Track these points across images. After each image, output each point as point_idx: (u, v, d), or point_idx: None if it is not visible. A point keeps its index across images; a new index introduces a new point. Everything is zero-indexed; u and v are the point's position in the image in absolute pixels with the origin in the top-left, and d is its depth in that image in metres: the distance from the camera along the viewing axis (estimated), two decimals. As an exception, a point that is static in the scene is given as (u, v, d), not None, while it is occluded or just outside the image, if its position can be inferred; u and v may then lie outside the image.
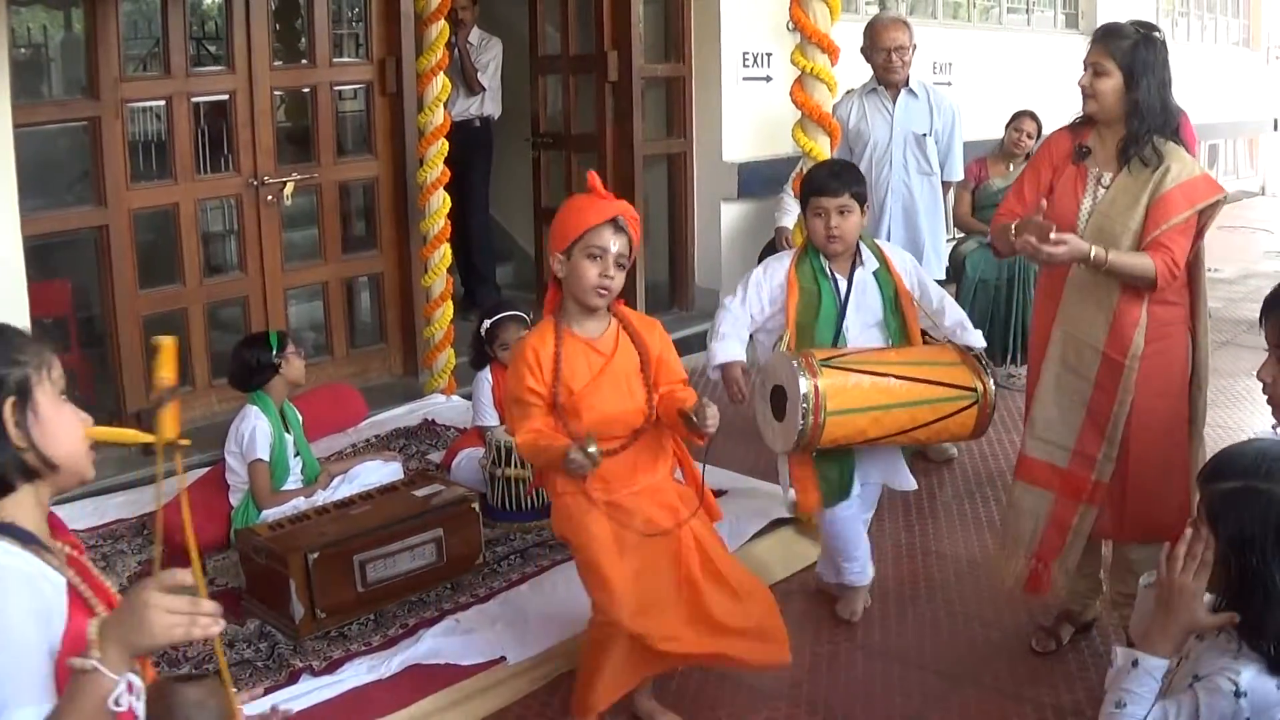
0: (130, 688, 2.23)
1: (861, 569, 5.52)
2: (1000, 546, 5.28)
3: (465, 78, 10.04)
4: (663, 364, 4.39)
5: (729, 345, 5.17)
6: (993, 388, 5.11)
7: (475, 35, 10.16)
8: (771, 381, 5.00)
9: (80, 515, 6.26)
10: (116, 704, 2.21)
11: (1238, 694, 2.88)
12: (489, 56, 10.18)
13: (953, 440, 5.40)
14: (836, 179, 5.18)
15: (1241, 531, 2.92)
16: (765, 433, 5.15)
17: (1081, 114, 4.98)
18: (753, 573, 4.78)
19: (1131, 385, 4.74)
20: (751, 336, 5.32)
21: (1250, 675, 2.90)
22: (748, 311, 5.24)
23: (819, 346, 5.08)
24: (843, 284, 5.21)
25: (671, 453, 4.48)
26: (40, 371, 2.52)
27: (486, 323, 6.67)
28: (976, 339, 5.33)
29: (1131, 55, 4.70)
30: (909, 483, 5.53)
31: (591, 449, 4.00)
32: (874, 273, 5.26)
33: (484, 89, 10.16)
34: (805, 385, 4.76)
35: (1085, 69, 4.80)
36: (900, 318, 5.27)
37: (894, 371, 4.99)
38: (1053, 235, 4.53)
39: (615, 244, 4.16)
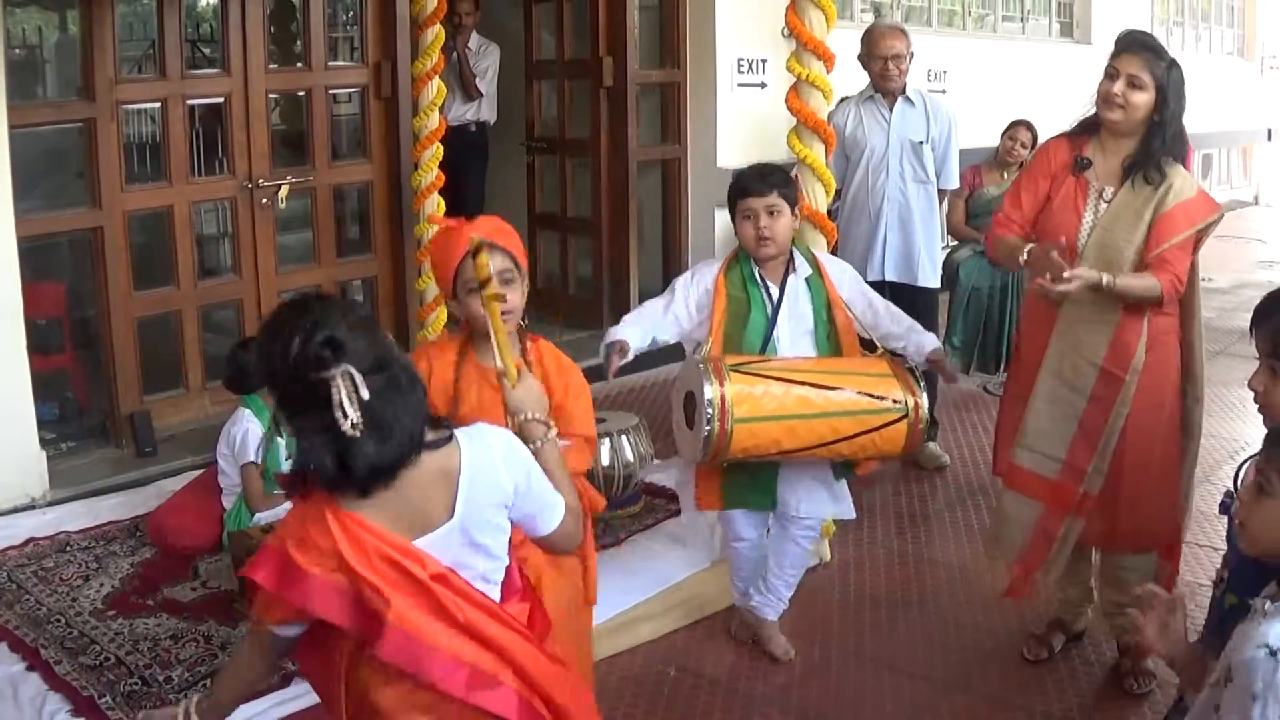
0: None
1: (763, 601, 5.37)
2: (986, 553, 5.29)
3: (463, 83, 10.04)
4: (561, 412, 3.96)
5: (626, 329, 4.98)
6: (925, 403, 4.83)
7: (474, 41, 10.17)
8: (684, 389, 4.85)
9: (73, 517, 6.27)
10: None
11: (1273, 653, 2.87)
12: (487, 63, 10.19)
13: (882, 457, 5.12)
14: (762, 180, 5.04)
15: None
16: (679, 443, 5.02)
17: (1082, 121, 4.98)
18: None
19: (1129, 399, 4.75)
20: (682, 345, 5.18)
21: (1277, 630, 2.90)
22: (669, 312, 5.07)
23: (745, 355, 4.91)
24: (774, 291, 5.04)
25: None
26: None
27: None
28: (929, 340, 5.17)
29: (1168, 76, 4.70)
30: (846, 512, 5.30)
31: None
32: (806, 279, 5.08)
33: (481, 95, 10.15)
34: (710, 391, 4.59)
35: (1116, 77, 4.73)
36: (831, 326, 5.06)
37: (813, 380, 4.78)
38: (1065, 274, 4.51)
39: (494, 263, 3.72)
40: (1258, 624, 2.95)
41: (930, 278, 7.50)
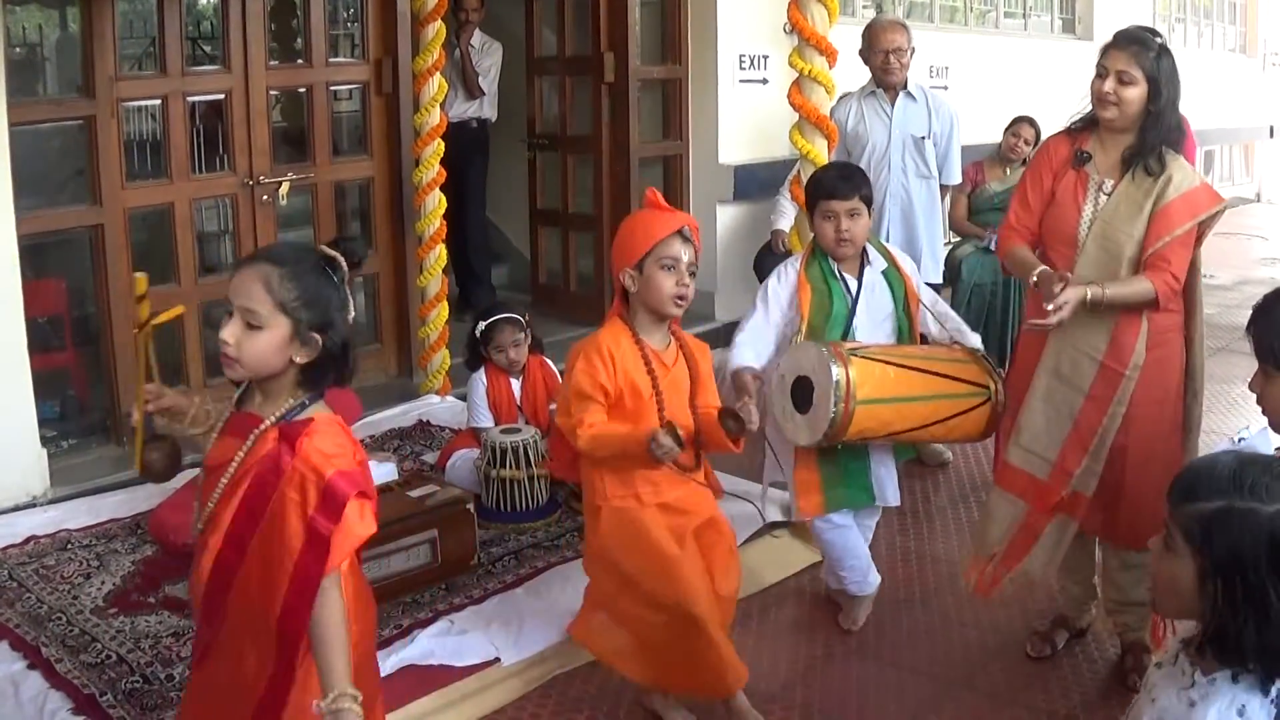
0: None
1: (860, 579, 5.49)
2: (973, 548, 5.29)
3: (465, 81, 10.03)
4: (707, 387, 4.49)
5: (743, 352, 5.16)
6: (1003, 388, 5.10)
7: (477, 39, 10.14)
8: (793, 374, 4.97)
9: (74, 515, 6.26)
10: None
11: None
12: (490, 61, 10.17)
13: (964, 439, 5.34)
14: (847, 182, 5.18)
15: (1233, 553, 2.79)
16: (786, 428, 5.10)
17: (1080, 118, 4.97)
18: (747, 574, 4.93)
19: (1127, 397, 4.74)
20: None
21: (1219, 710, 2.84)
22: (769, 320, 5.24)
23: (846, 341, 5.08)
24: (853, 284, 5.21)
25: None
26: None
27: (481, 325, 6.66)
28: (976, 341, 5.35)
29: (1157, 66, 4.69)
30: (894, 498, 5.50)
31: (678, 433, 4.07)
32: (883, 272, 5.27)
33: (484, 93, 10.14)
34: (837, 373, 4.75)
35: (1106, 75, 4.74)
36: (908, 318, 5.29)
37: (915, 364, 5.01)
38: (1050, 305, 4.55)
39: (685, 254, 4.23)
40: (1188, 707, 2.88)
41: (932, 273, 7.50)
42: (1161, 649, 3.32)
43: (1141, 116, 4.73)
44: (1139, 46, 4.71)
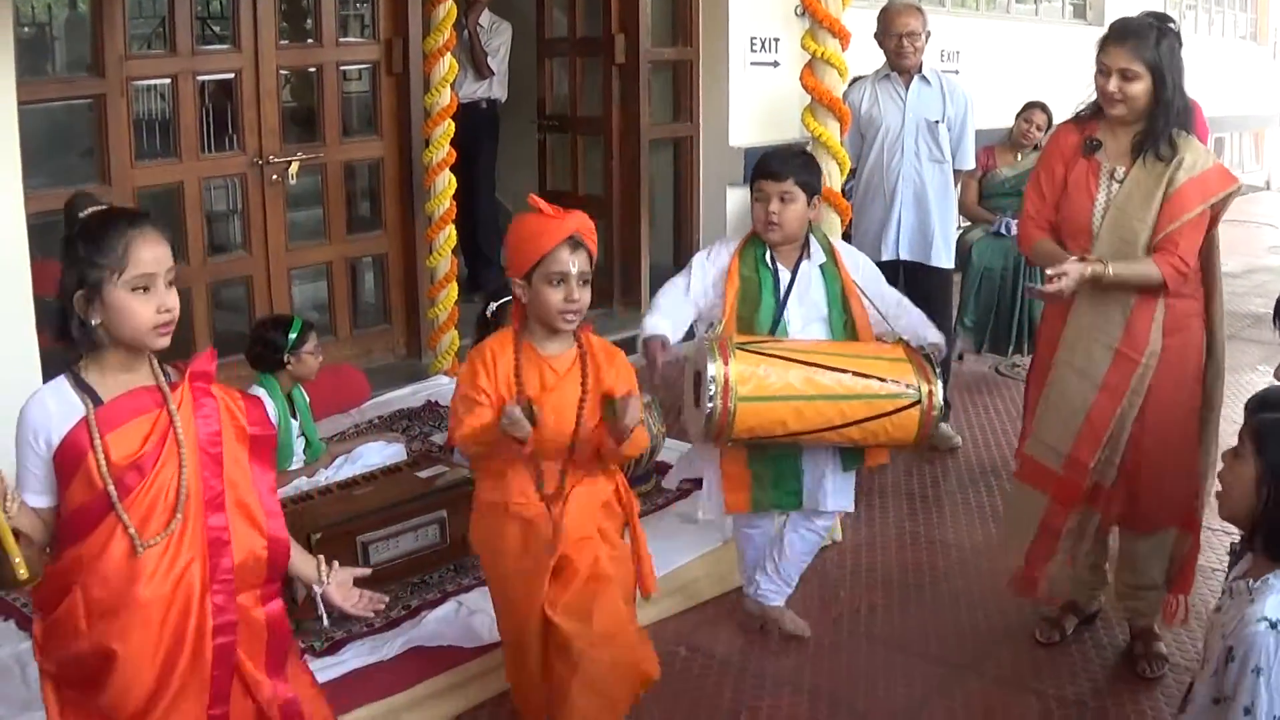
0: None
1: (755, 590, 5.38)
2: (1003, 542, 5.28)
3: (474, 61, 10.02)
4: (596, 397, 4.17)
5: (657, 320, 4.97)
6: (940, 391, 4.76)
7: (486, 18, 10.13)
8: (693, 367, 4.82)
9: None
10: None
11: (1273, 626, 2.91)
12: (499, 41, 10.16)
13: (893, 445, 5.05)
14: (783, 163, 4.99)
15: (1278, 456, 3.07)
16: (687, 423, 5.01)
17: (1086, 107, 4.95)
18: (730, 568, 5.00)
19: (1144, 387, 4.71)
20: (693, 328, 5.13)
21: (1274, 603, 2.94)
22: (690, 293, 5.05)
23: (758, 335, 4.89)
24: (785, 276, 5.00)
25: (616, 504, 4.31)
26: (113, 274, 3.07)
27: (492, 306, 6.63)
28: (935, 338, 5.03)
29: (1157, 54, 4.64)
30: (834, 504, 5.18)
31: (533, 409, 3.92)
32: (820, 266, 5.04)
33: (493, 73, 10.13)
34: (714, 369, 4.55)
35: (1108, 73, 4.70)
36: (846, 315, 5.03)
37: (824, 362, 4.72)
38: (1049, 271, 4.57)
39: (575, 264, 4.01)
40: (1249, 601, 2.99)
41: (944, 258, 7.48)
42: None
43: (1150, 105, 4.70)
44: (1137, 40, 4.67)
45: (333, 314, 8.58)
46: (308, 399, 6.33)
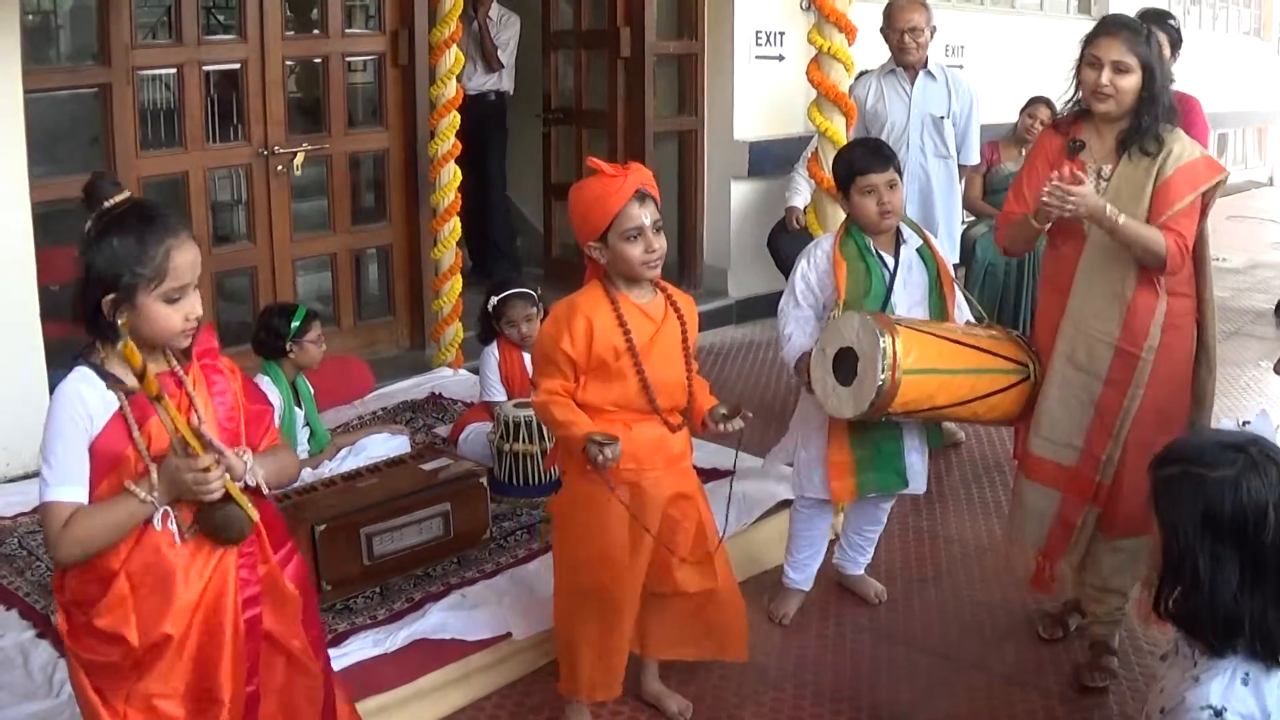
0: (166, 515, 3.13)
1: (796, 574, 5.50)
2: (1007, 540, 5.26)
3: (484, 54, 10.02)
4: (694, 340, 4.42)
5: (798, 342, 5.15)
6: (1039, 368, 4.97)
7: (495, 11, 10.13)
8: (835, 346, 4.88)
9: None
10: (155, 524, 3.12)
11: (1217, 715, 2.84)
12: (509, 34, 10.19)
13: (1002, 419, 5.21)
14: (879, 155, 5.15)
15: (1172, 514, 2.94)
16: (829, 403, 4.97)
17: (1072, 109, 4.93)
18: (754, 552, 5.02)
19: (1145, 379, 4.69)
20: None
21: (1220, 687, 2.86)
22: (805, 305, 5.19)
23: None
24: (890, 261, 5.14)
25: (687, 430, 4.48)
26: (149, 284, 3.08)
27: (494, 299, 6.64)
28: (968, 314, 5.34)
29: (1148, 50, 4.64)
30: (921, 485, 5.41)
31: (615, 449, 4.02)
32: (918, 250, 5.21)
33: (502, 66, 10.12)
34: (885, 342, 4.66)
35: (1099, 65, 4.66)
36: (941, 296, 5.20)
37: (956, 337, 4.95)
38: (1063, 174, 4.55)
39: (648, 216, 4.13)
40: (1192, 682, 2.91)
41: (949, 253, 7.47)
42: (1146, 623, 3.37)
43: (1135, 101, 4.68)
44: (1130, 32, 4.66)
45: (337, 305, 8.60)
46: (312, 389, 6.34)
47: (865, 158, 5.15)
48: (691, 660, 4.73)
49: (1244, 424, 3.20)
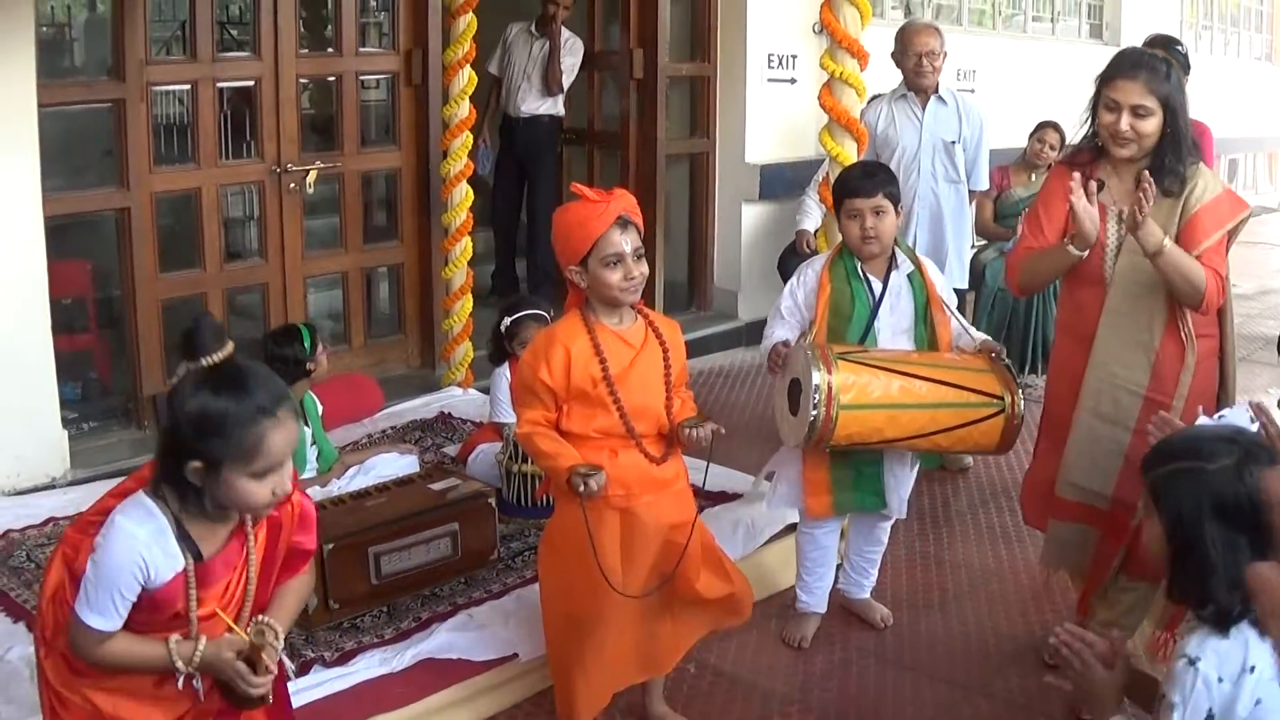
0: (191, 678, 3.17)
1: (808, 596, 5.50)
2: (1045, 569, 5.23)
3: (547, 76, 9.95)
4: (680, 366, 4.41)
5: (779, 331, 5.22)
6: (1021, 401, 4.93)
7: (564, 34, 10.06)
8: (789, 375, 4.95)
9: (94, 497, 6.20)
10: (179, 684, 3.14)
11: (1192, 662, 2.94)
12: (574, 59, 10.11)
13: (977, 451, 5.26)
14: (870, 179, 5.14)
15: (1178, 509, 3.09)
16: (781, 429, 5.09)
17: (1087, 143, 4.83)
18: (764, 576, 5.11)
19: (1176, 427, 4.63)
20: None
21: (1195, 641, 2.97)
22: (791, 320, 5.24)
23: (848, 346, 5.02)
24: (877, 286, 5.15)
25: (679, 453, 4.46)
26: (238, 461, 3.02)
27: (507, 320, 6.65)
28: (979, 335, 5.27)
29: (1168, 87, 4.53)
30: (899, 509, 5.39)
31: (599, 479, 4.06)
32: (908, 276, 5.20)
33: (562, 90, 10.06)
34: (818, 377, 4.69)
35: (1118, 109, 4.56)
36: (930, 326, 5.17)
37: (916, 371, 4.90)
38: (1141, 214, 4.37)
39: (628, 243, 4.15)
40: (1184, 641, 3.02)
41: (959, 278, 7.52)
42: (1159, 661, 3.43)
43: (1158, 140, 4.60)
44: (1149, 74, 4.53)
45: (347, 323, 8.60)
46: (320, 407, 6.35)
47: (855, 181, 5.17)
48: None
49: (1219, 417, 3.30)
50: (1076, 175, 4.56)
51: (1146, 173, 4.53)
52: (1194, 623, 3.05)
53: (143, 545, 3.05)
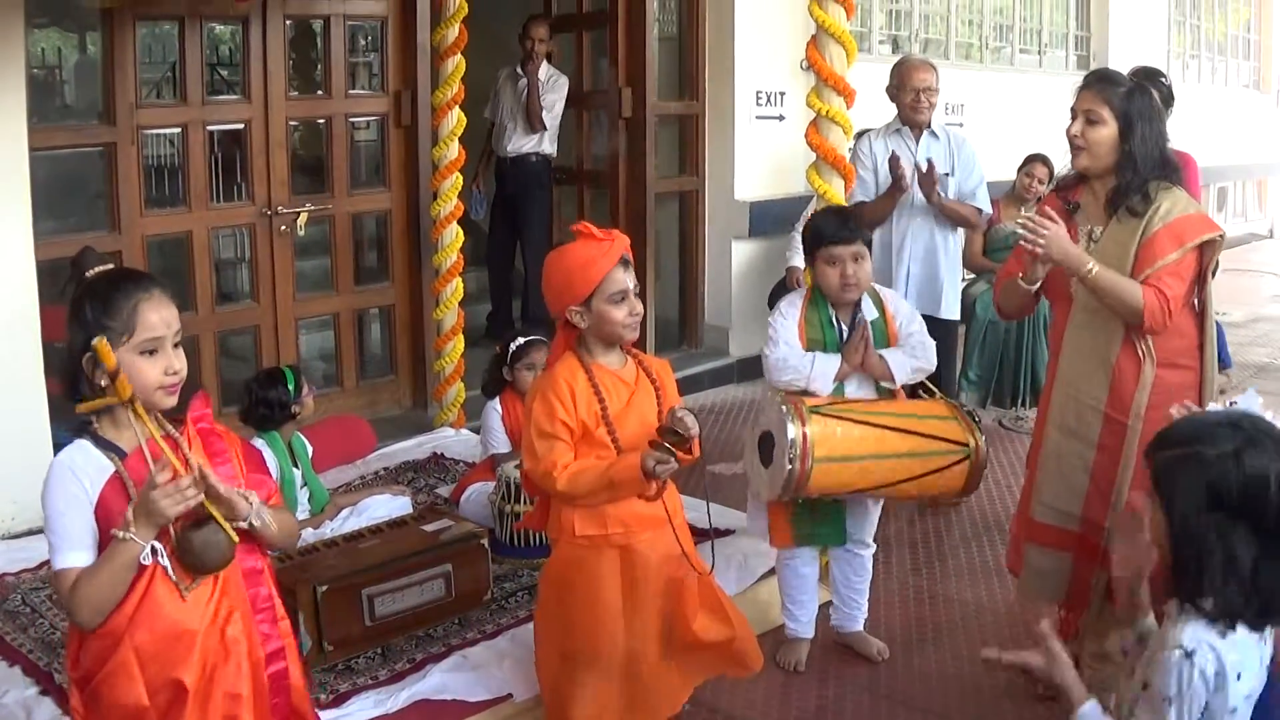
0: (154, 550, 3.15)
1: (794, 624, 5.55)
2: (1021, 600, 5.25)
3: (529, 113, 9.98)
4: (674, 403, 4.38)
5: (804, 363, 5.16)
6: (984, 445, 4.98)
7: (544, 71, 10.04)
8: (761, 427, 4.95)
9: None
10: (144, 560, 3.14)
11: (1188, 655, 2.91)
12: (555, 95, 10.09)
13: (945, 496, 5.27)
14: (847, 226, 5.16)
15: (1177, 494, 3.04)
16: (753, 480, 5.12)
17: (1071, 171, 4.91)
18: (759, 611, 5.07)
19: (1134, 449, 4.64)
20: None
21: (1190, 632, 2.94)
22: (792, 344, 5.21)
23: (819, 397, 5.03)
24: (846, 332, 5.18)
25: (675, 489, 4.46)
26: (121, 337, 3.15)
27: (520, 340, 6.64)
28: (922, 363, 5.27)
29: (1128, 102, 4.62)
30: (868, 536, 5.47)
31: (678, 434, 4.04)
32: (872, 322, 5.21)
33: (545, 128, 10.08)
34: (794, 431, 4.71)
35: (1074, 117, 4.71)
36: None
37: (885, 422, 4.92)
38: (1042, 228, 4.55)
39: (630, 280, 4.19)
40: (1168, 628, 2.99)
41: (951, 309, 7.55)
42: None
43: (1116, 157, 4.67)
44: (1105, 84, 4.68)
45: (339, 364, 8.62)
46: (309, 448, 6.36)
47: (833, 228, 5.17)
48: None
49: (1231, 403, 3.27)
50: (1031, 215, 4.65)
51: (1074, 214, 4.78)
52: (1188, 612, 3.02)
53: (69, 465, 3.20)
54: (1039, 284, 4.80)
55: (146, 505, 3.09)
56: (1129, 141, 4.63)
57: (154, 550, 3.15)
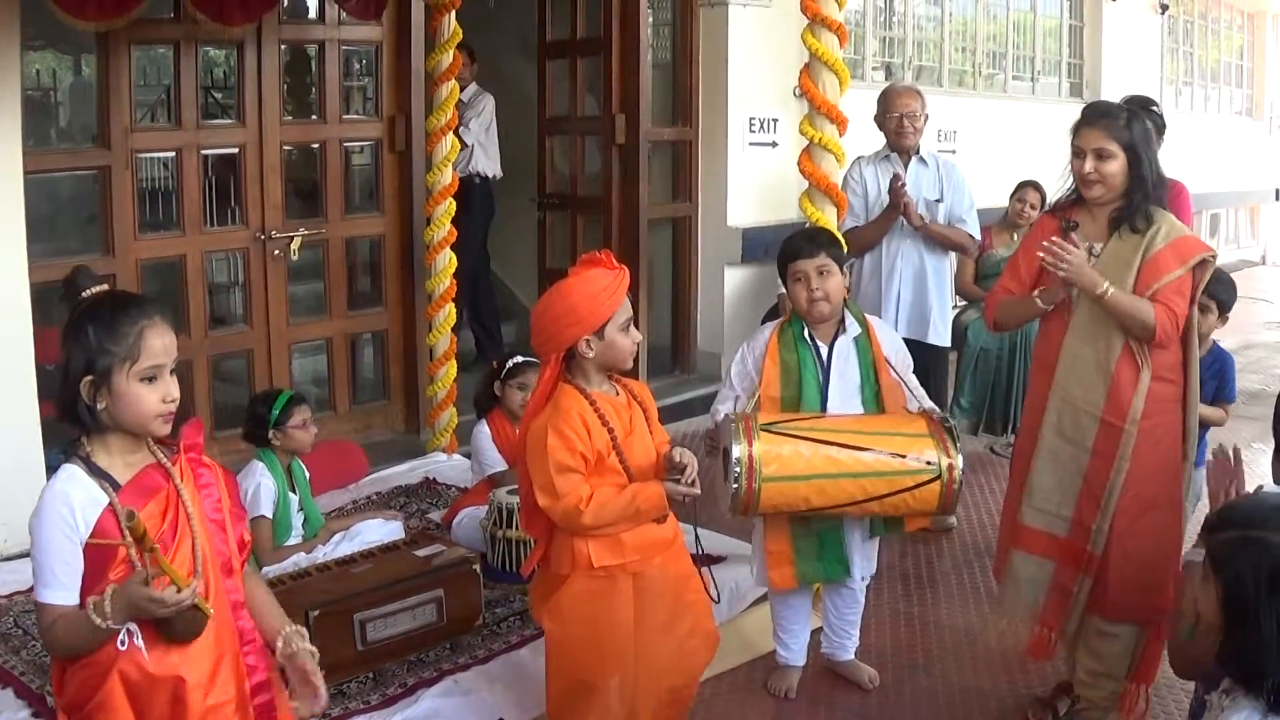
0: (130, 633, 3.11)
1: (786, 652, 5.55)
2: (999, 615, 5.26)
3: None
4: (657, 423, 4.46)
5: (724, 406, 5.21)
6: (960, 464, 4.84)
7: (466, 92, 10.04)
8: (722, 444, 4.92)
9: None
10: (121, 644, 3.10)
11: None
12: (472, 112, 10.12)
13: (913, 515, 5.20)
14: (810, 241, 5.16)
15: (1237, 578, 3.03)
16: (718, 495, 5.03)
17: (1064, 196, 5.03)
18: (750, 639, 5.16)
19: (1129, 453, 4.73)
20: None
21: (1244, 716, 2.94)
22: (739, 388, 5.22)
23: (788, 413, 5.00)
24: (824, 351, 5.15)
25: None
26: (124, 363, 3.12)
27: (517, 359, 6.64)
28: (927, 404, 5.27)
29: (1131, 133, 4.75)
30: (860, 573, 5.40)
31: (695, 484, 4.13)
32: (855, 339, 5.18)
33: (465, 145, 10.02)
34: (738, 450, 4.68)
35: (1083, 155, 4.80)
36: (876, 386, 5.16)
37: (844, 440, 4.81)
38: (1067, 253, 4.66)
39: (630, 307, 4.26)
40: (1219, 709, 2.99)
41: (942, 335, 7.55)
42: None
43: (1127, 183, 4.79)
44: (1108, 119, 4.79)
45: (332, 389, 8.64)
46: (307, 474, 6.35)
47: (796, 243, 5.18)
48: None
49: (1259, 488, 3.29)
50: (1055, 238, 4.72)
51: (1072, 231, 4.86)
52: (1239, 692, 3.03)
53: (61, 494, 3.13)
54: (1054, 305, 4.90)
55: (130, 598, 3.04)
56: (1138, 168, 4.76)
57: (129, 632, 3.12)
